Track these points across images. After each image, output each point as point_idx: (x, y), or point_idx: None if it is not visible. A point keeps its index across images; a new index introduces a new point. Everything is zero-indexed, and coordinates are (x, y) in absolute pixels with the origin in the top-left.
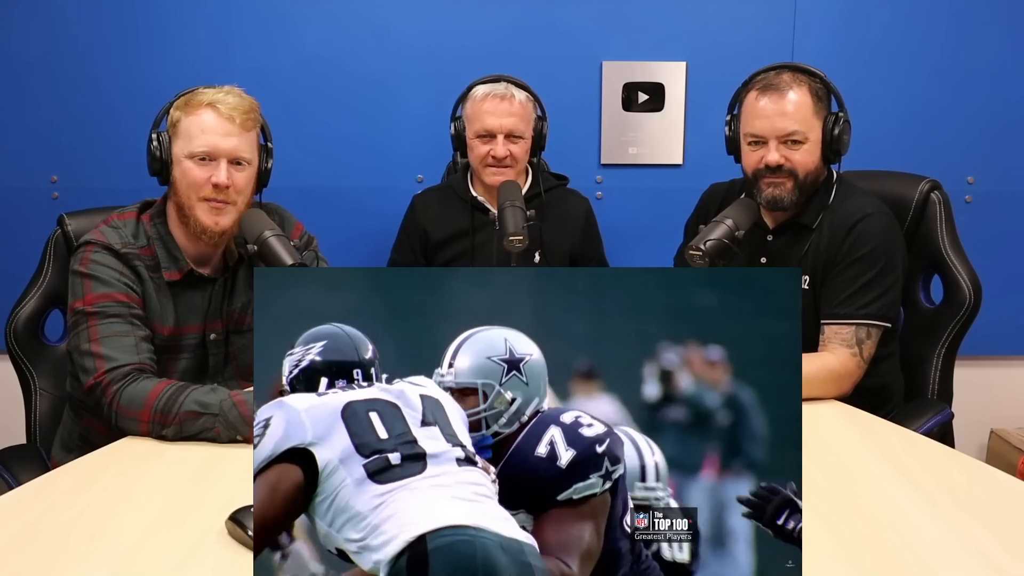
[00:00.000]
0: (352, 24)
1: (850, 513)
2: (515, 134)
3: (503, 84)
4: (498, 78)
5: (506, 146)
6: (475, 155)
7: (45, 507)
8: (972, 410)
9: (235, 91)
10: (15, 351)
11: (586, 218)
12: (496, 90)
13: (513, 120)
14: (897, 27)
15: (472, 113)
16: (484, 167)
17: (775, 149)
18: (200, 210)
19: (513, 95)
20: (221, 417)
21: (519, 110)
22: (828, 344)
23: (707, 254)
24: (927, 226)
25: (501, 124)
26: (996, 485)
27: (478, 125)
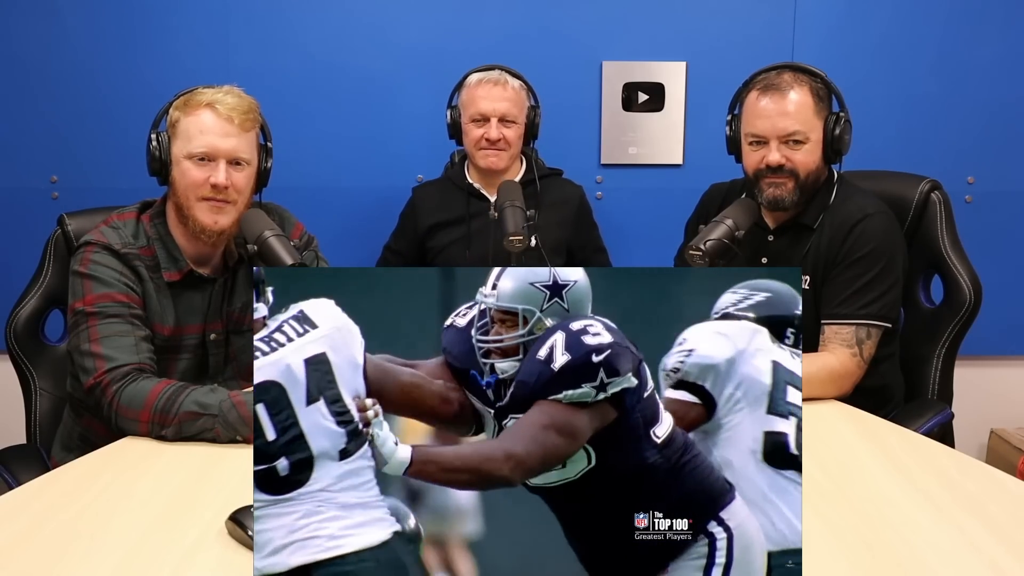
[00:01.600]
0: (352, 24)
1: (850, 513)
2: (508, 118)
3: (497, 71)
4: (492, 66)
5: (500, 129)
6: (470, 139)
7: (45, 507)
8: (972, 410)
9: (234, 91)
10: (15, 351)
11: (579, 205)
12: (490, 76)
13: (507, 104)
14: (897, 27)
15: (467, 99)
16: (478, 150)
17: (776, 149)
18: (199, 210)
19: (507, 81)
20: (221, 418)
21: (512, 95)
22: (828, 344)
23: (707, 254)
24: (927, 226)
25: (495, 108)
26: (996, 485)
27: (472, 109)
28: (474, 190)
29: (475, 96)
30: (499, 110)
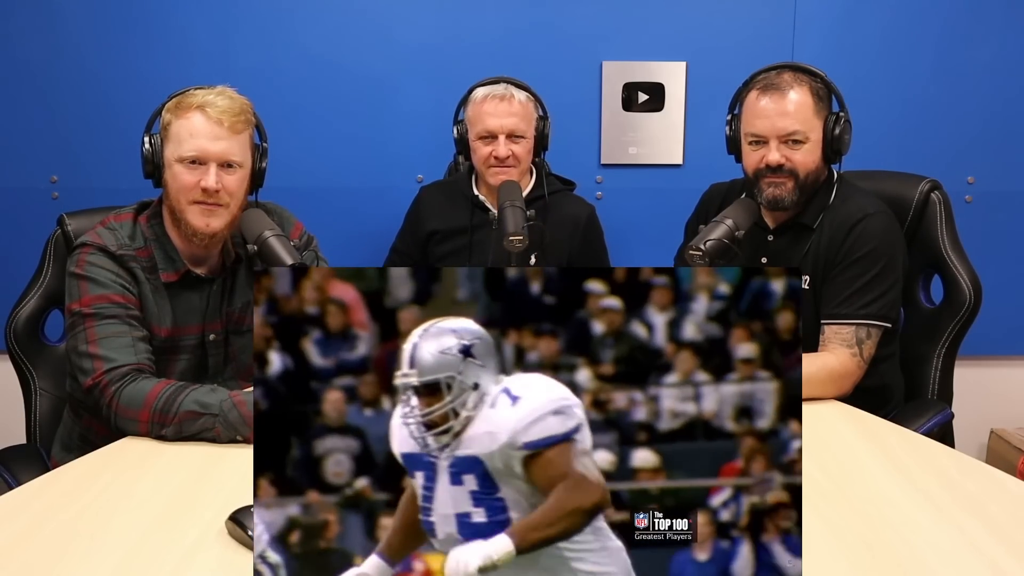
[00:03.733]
0: (352, 24)
1: (850, 513)
2: (516, 134)
3: (503, 85)
4: (498, 79)
5: (508, 146)
6: (478, 157)
7: (45, 507)
8: (972, 410)
9: (227, 92)
10: (15, 351)
11: (587, 224)
12: (496, 91)
13: (514, 120)
14: (897, 27)
15: (473, 115)
16: (487, 168)
17: (776, 149)
18: (191, 213)
19: (513, 95)
20: (221, 417)
21: (519, 110)
22: (828, 344)
23: (707, 254)
24: (927, 226)
25: (502, 124)
26: (996, 485)
27: (479, 127)
28: (479, 202)
29: (481, 113)
30: (507, 126)
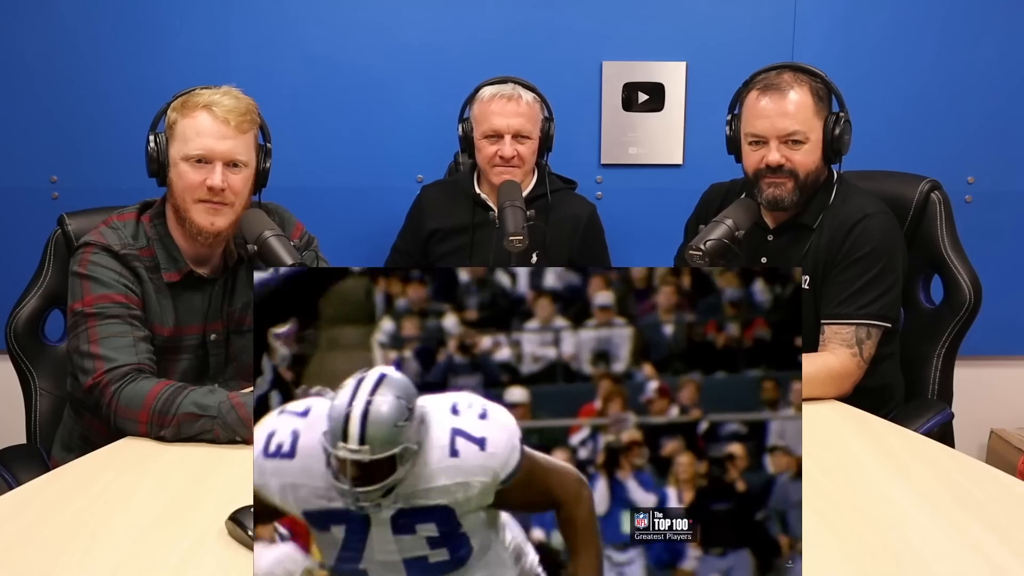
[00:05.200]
0: (352, 24)
1: (850, 513)
2: (522, 134)
3: (510, 85)
4: (505, 79)
5: (513, 146)
6: (483, 156)
7: (45, 507)
8: (972, 410)
9: (232, 92)
10: (15, 351)
11: (588, 223)
12: (503, 91)
13: (520, 120)
14: (897, 27)
15: (479, 114)
16: (492, 167)
17: (776, 149)
18: (196, 212)
19: (520, 95)
20: (220, 419)
21: (526, 110)
22: (828, 344)
23: (707, 254)
24: (927, 226)
25: (508, 124)
26: (996, 485)
27: (485, 126)
28: (481, 200)
29: (488, 112)
30: (513, 126)
